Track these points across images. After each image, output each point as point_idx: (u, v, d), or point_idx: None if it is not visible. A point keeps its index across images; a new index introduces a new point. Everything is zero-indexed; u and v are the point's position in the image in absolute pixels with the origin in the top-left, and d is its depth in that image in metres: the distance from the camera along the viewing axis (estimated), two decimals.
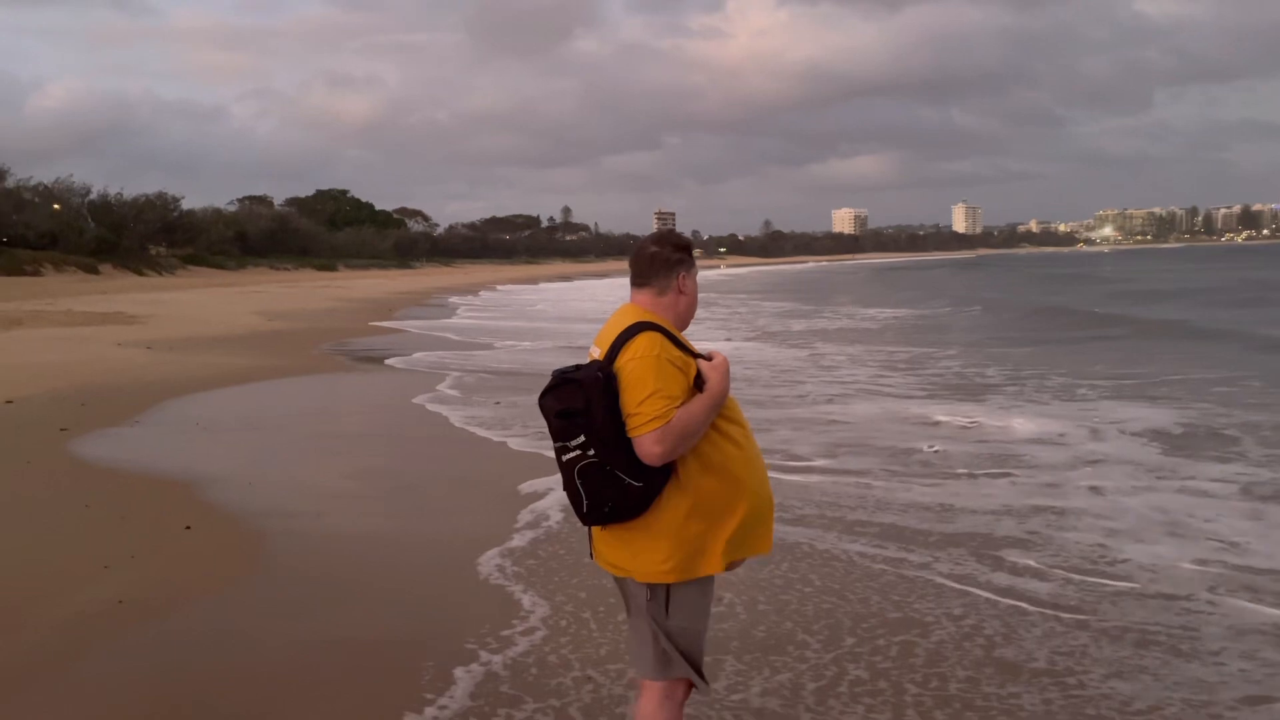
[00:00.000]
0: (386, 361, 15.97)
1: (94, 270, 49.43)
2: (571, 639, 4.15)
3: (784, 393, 11.68)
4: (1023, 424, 9.14)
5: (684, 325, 2.75)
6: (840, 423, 9.46)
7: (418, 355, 16.68)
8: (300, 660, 3.98)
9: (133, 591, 4.68)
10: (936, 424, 9.26)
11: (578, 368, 2.60)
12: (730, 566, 2.67)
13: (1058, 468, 7.28)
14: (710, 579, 2.67)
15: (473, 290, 51.10)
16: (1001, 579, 4.86)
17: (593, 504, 2.55)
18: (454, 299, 40.29)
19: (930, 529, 5.72)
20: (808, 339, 20.43)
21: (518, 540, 5.61)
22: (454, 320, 27.87)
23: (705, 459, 2.58)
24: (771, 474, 2.83)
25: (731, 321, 26.76)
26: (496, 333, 22.17)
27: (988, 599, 4.61)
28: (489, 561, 5.24)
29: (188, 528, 5.79)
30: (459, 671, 3.82)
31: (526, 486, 6.86)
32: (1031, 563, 5.09)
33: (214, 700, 3.61)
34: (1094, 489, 6.61)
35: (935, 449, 8.00)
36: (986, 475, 7.11)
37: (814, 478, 7.07)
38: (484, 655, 3.98)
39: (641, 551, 2.58)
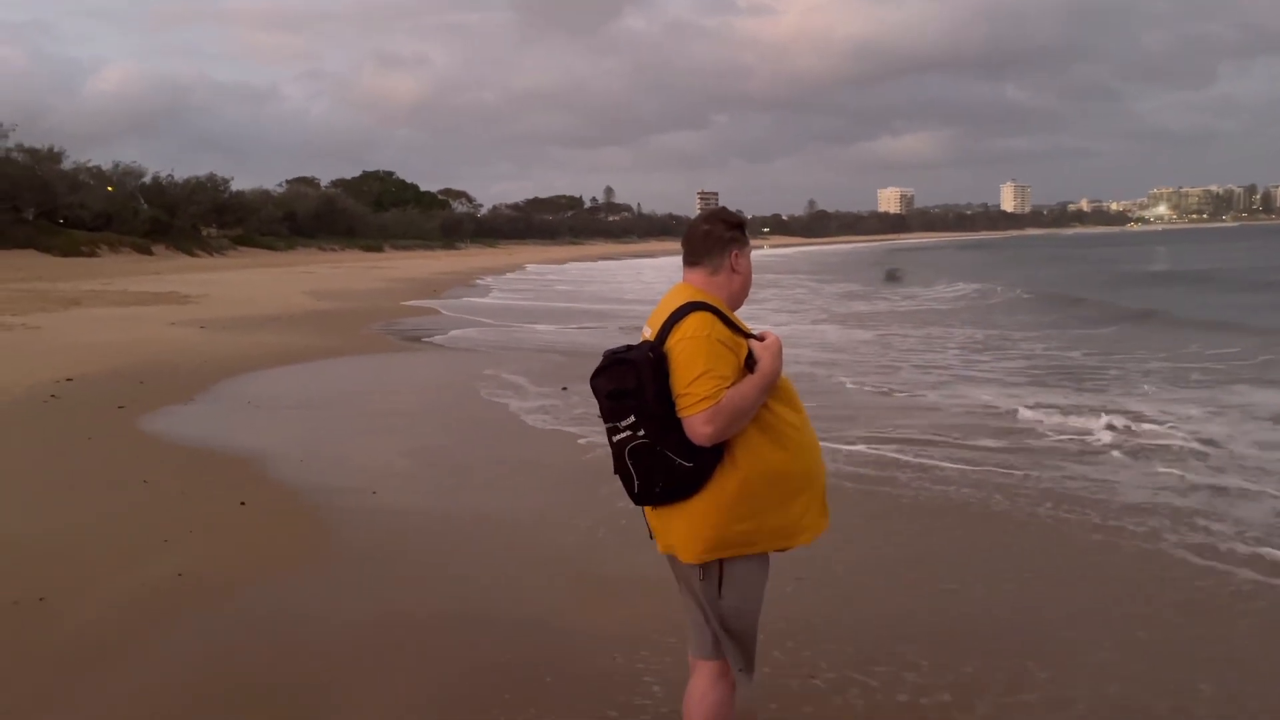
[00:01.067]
0: (435, 341, 16.08)
1: (147, 251, 50.41)
2: (631, 615, 4.12)
3: (883, 380, 11.31)
4: (1168, 411, 8.61)
5: (737, 304, 2.70)
6: (959, 410, 9.07)
7: (464, 334, 16.77)
8: (359, 636, 3.98)
9: (191, 565, 4.73)
10: (1070, 414, 8.59)
11: (629, 348, 2.56)
12: (784, 548, 2.62)
13: (1231, 455, 6.95)
14: (764, 559, 2.62)
15: (511, 269, 51.37)
16: None
17: (644, 484, 2.52)
18: (489, 279, 40.46)
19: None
20: (879, 321, 20.06)
21: (580, 518, 5.61)
22: (488, 300, 28.00)
23: (756, 440, 2.52)
24: (946, 469, 2.75)
25: (794, 303, 26.36)
26: (530, 313, 22.21)
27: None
28: (548, 537, 5.25)
29: (242, 503, 5.85)
30: (523, 646, 3.82)
31: (585, 465, 6.85)
32: None
33: (274, 674, 3.63)
34: None
35: (1100, 440, 7.54)
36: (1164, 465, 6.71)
37: (984, 468, 6.78)
38: (545, 633, 3.97)
39: (693, 531, 2.53)
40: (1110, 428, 7.92)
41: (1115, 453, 7.11)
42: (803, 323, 19.78)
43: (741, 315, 2.68)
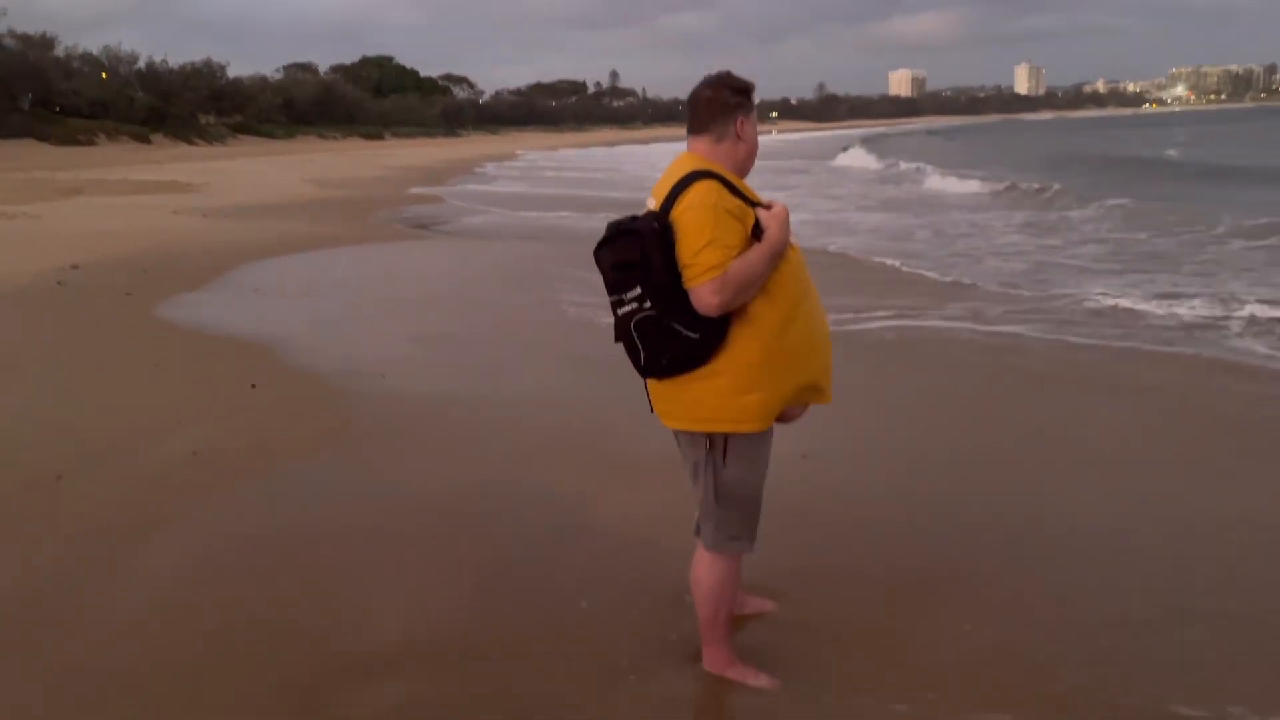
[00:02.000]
0: (443, 229, 15.95)
1: (146, 140, 49.63)
2: (645, 492, 4.19)
3: (971, 271, 11.06)
4: None
5: (744, 173, 2.63)
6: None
7: (472, 221, 16.63)
8: (376, 513, 4.04)
9: (206, 445, 4.79)
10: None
11: (634, 219, 2.51)
12: (787, 419, 2.66)
13: None
14: (769, 430, 2.62)
15: (512, 157, 50.56)
16: None
17: (650, 357, 2.50)
18: (492, 167, 39.85)
19: None
20: (927, 207, 19.52)
21: (591, 398, 5.65)
22: (494, 188, 27.64)
23: (763, 310, 2.49)
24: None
25: (829, 190, 25.34)
26: (537, 200, 21.94)
27: None
28: (560, 418, 5.30)
29: (253, 386, 5.89)
30: (540, 520, 3.90)
31: (596, 347, 6.86)
32: None
33: (292, 550, 3.70)
34: None
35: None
36: None
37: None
38: (561, 510, 4.04)
39: (698, 402, 2.53)
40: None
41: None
42: (849, 209, 19.27)
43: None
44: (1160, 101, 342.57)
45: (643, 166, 37.02)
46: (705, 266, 2.40)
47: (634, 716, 2.61)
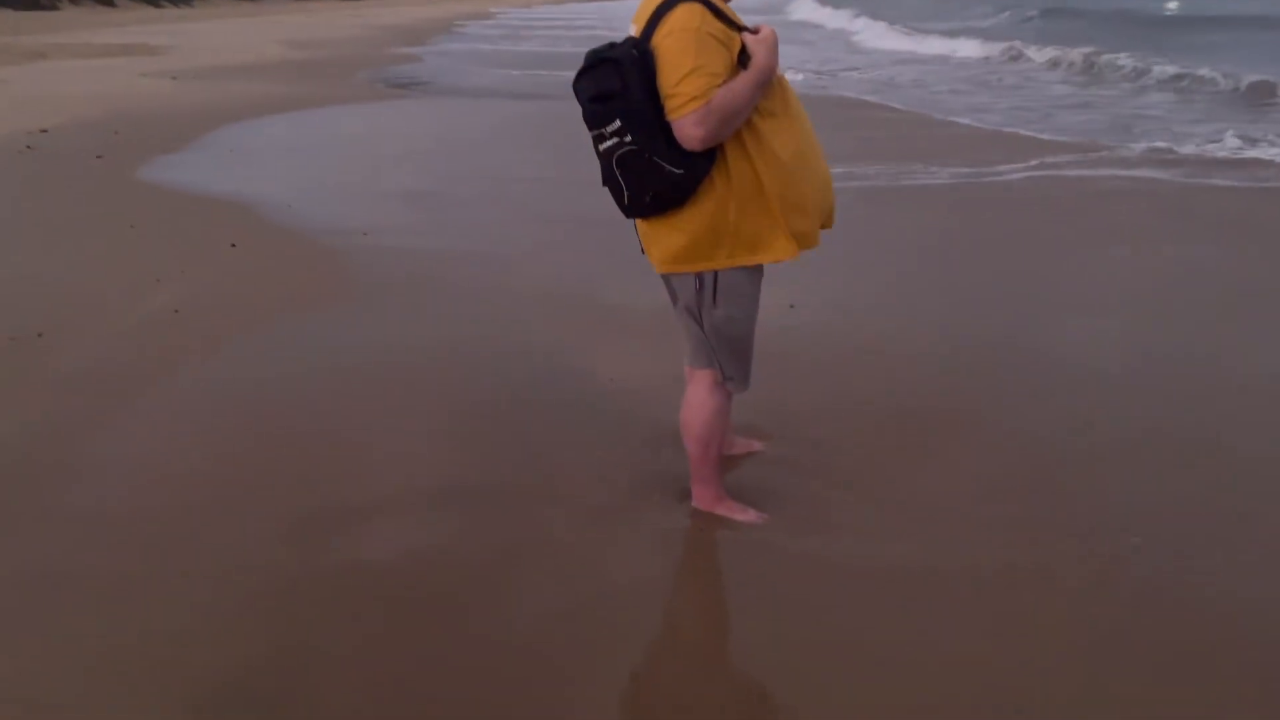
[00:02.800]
0: (426, 88, 15.45)
1: (109, 3, 47.57)
2: (631, 340, 4.17)
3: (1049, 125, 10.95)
4: None
5: None
6: None
7: (456, 80, 16.13)
8: (366, 367, 4.01)
9: (187, 303, 4.72)
10: None
11: (612, 46, 2.37)
12: (780, 259, 2.53)
13: None
14: (759, 269, 2.55)
15: (488, 16, 48.75)
16: None
17: (634, 195, 2.40)
18: (473, 25, 38.44)
19: None
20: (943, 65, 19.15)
21: (576, 250, 5.58)
22: (478, 46, 26.72)
23: (751, 143, 2.38)
24: None
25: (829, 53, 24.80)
26: (522, 58, 21.24)
27: None
28: (545, 271, 5.24)
29: (233, 245, 5.77)
30: (531, 370, 3.88)
31: (577, 203, 6.74)
32: None
33: (280, 405, 3.67)
34: None
35: None
36: None
37: None
38: (550, 359, 4.02)
39: (685, 241, 2.45)
40: None
41: None
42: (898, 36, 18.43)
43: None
44: None
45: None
46: (688, 96, 2.27)
47: (625, 552, 2.64)
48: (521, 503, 2.87)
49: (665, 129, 2.32)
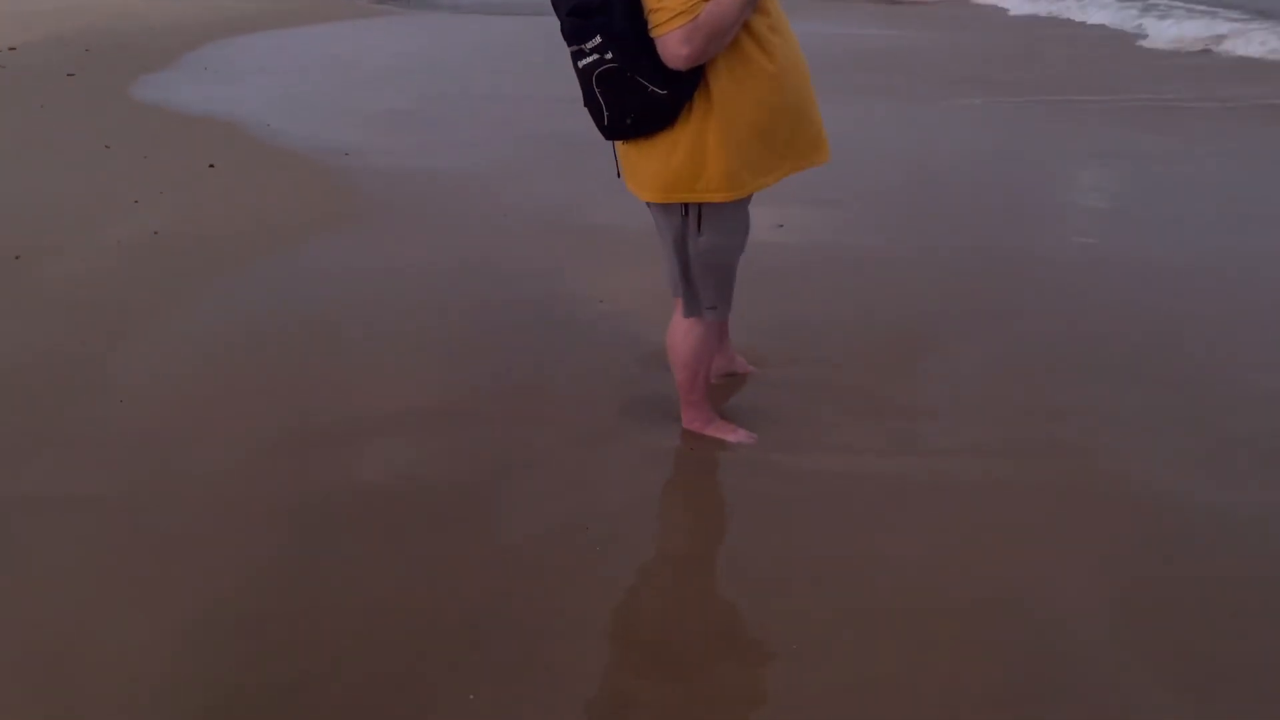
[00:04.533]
0: (414, 3, 15.04)
1: None
2: (613, 260, 4.12)
3: None
4: None
5: None
6: None
7: None
8: (356, 285, 3.95)
9: (166, 224, 4.63)
10: None
11: None
12: (765, 184, 2.45)
13: None
14: (745, 198, 2.47)
15: None
16: None
17: (614, 115, 2.30)
18: None
19: None
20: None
21: (565, 172, 5.50)
22: None
23: (737, 64, 2.28)
24: None
25: None
26: None
27: None
28: (535, 191, 5.16)
29: (211, 166, 5.66)
30: (519, 292, 3.85)
31: (566, 123, 6.62)
32: None
33: (274, 325, 3.62)
34: None
35: None
36: None
37: None
38: (541, 280, 3.98)
39: (665, 169, 2.36)
40: None
41: None
42: None
43: None
44: None
45: None
46: (673, 11, 2.15)
47: (615, 471, 2.64)
48: (512, 423, 2.86)
49: (647, 46, 2.21)
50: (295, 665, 1.91)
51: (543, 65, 8.61)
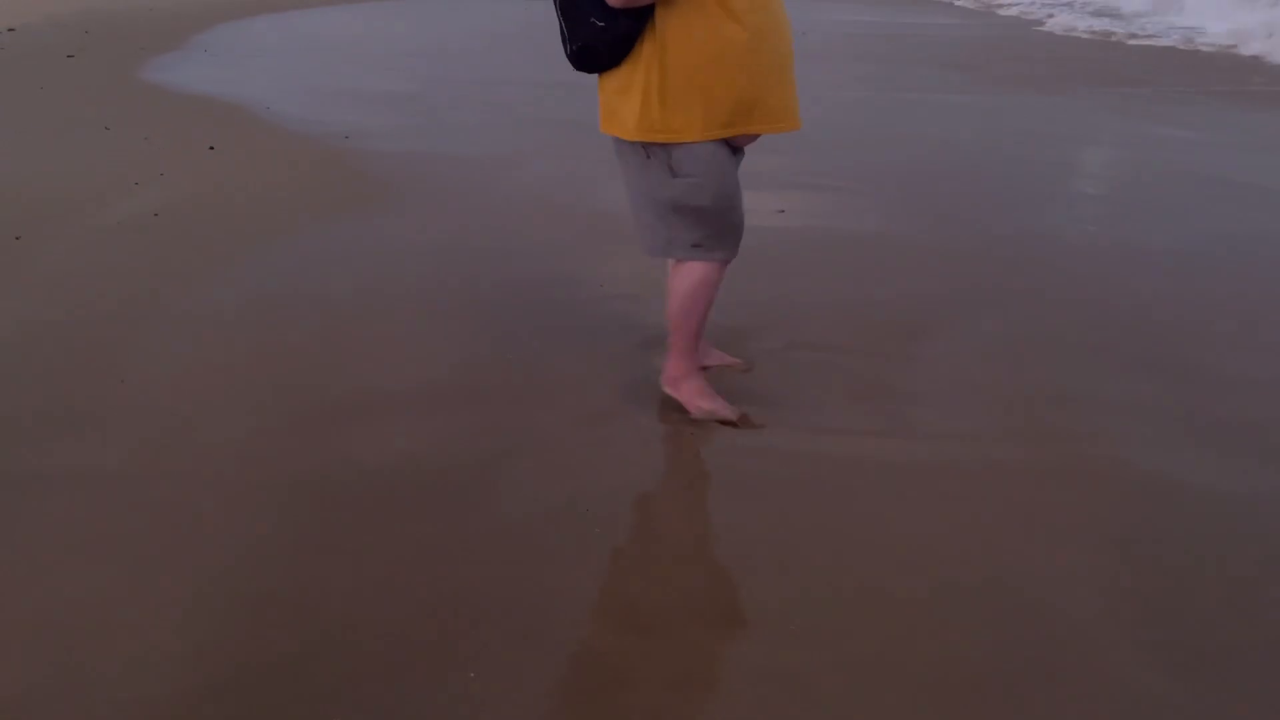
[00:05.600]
0: None
1: None
2: (617, 241, 4.13)
3: None
4: None
5: None
6: None
7: None
8: (358, 272, 3.95)
9: (168, 206, 4.63)
10: None
11: None
12: (735, 134, 2.41)
13: None
14: (723, 144, 2.42)
15: None
16: None
17: (568, 42, 2.38)
18: None
19: None
20: None
21: (561, 155, 5.49)
22: None
23: (694, 19, 2.26)
24: None
25: None
26: None
27: None
28: (531, 174, 5.16)
29: (211, 148, 5.65)
30: (525, 273, 3.85)
31: (559, 108, 6.61)
32: None
33: (282, 300, 3.63)
34: None
35: None
36: None
37: None
38: (536, 259, 3.99)
39: (632, 107, 2.35)
40: None
41: None
42: None
43: None
44: None
45: None
46: None
47: (614, 451, 2.65)
48: (515, 405, 2.87)
49: None
50: (296, 641, 1.92)
51: (547, 49, 8.60)
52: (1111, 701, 1.81)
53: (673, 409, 2.81)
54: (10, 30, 9.77)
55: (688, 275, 2.62)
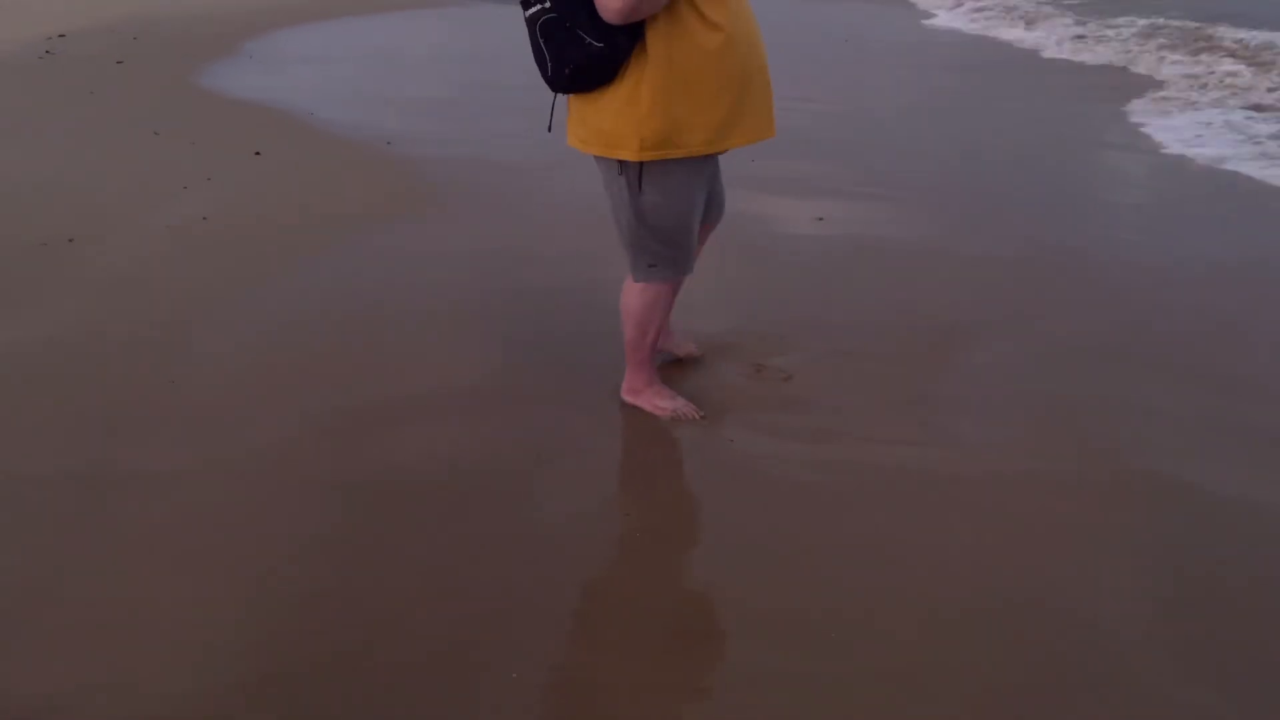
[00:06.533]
0: None
1: None
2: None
3: None
4: None
5: None
6: None
7: None
8: (401, 270, 4.01)
9: (215, 210, 4.72)
10: None
11: None
12: (712, 151, 2.45)
13: None
14: (692, 162, 2.44)
15: None
16: None
17: (555, 67, 2.34)
18: None
19: None
20: None
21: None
22: None
23: (676, 31, 2.28)
24: None
25: None
26: None
27: None
28: (564, 182, 5.19)
29: (257, 153, 5.75)
30: (553, 279, 3.89)
31: None
32: None
33: (324, 308, 3.69)
34: None
35: None
36: None
37: None
38: (573, 269, 4.02)
39: (603, 124, 2.39)
40: None
41: None
42: None
43: None
44: None
45: None
46: None
47: (653, 454, 2.68)
48: (554, 409, 2.90)
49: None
50: (343, 639, 1.97)
51: None
52: (1153, 715, 1.81)
53: (717, 413, 2.84)
54: (61, 36, 9.98)
55: (641, 294, 2.69)
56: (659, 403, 2.84)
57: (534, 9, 2.30)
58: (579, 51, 2.28)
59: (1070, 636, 1.99)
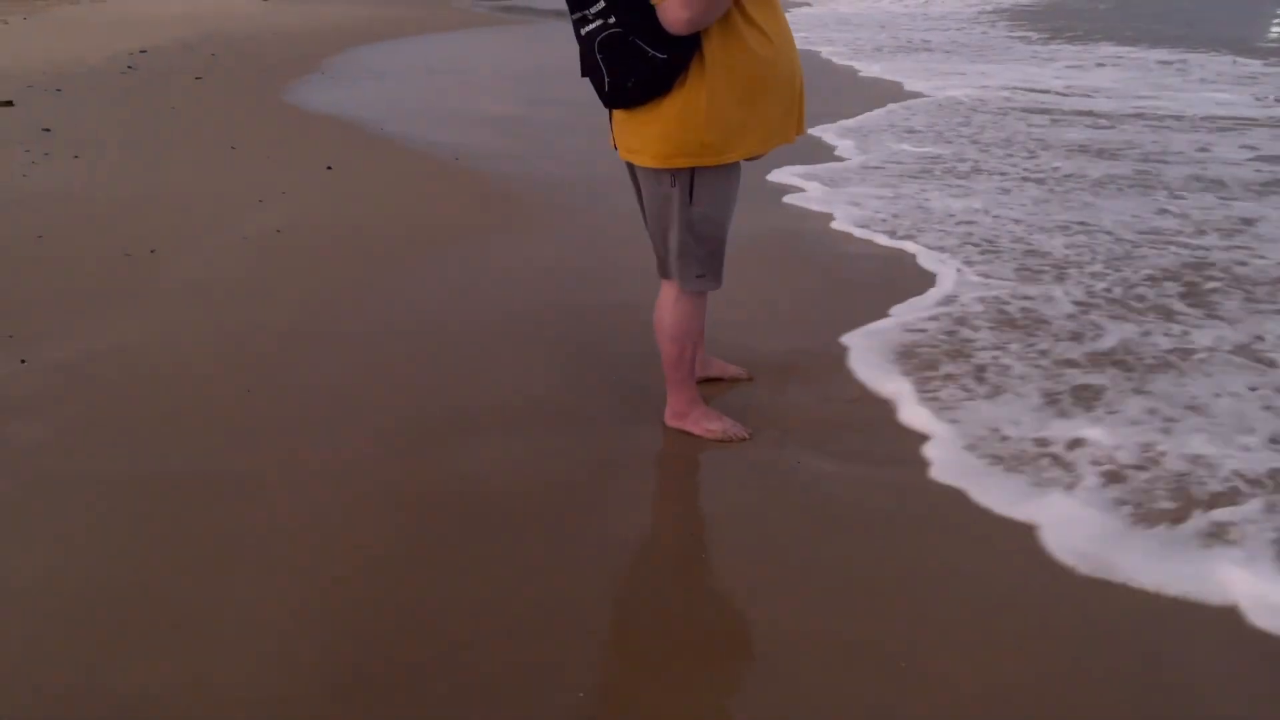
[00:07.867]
0: (540, 8, 15.33)
1: None
2: None
3: None
4: None
5: None
6: None
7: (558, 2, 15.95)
8: (460, 290, 4.08)
9: (289, 223, 4.83)
10: None
11: None
12: (757, 154, 2.50)
13: None
14: (736, 166, 2.50)
15: None
16: None
17: (615, 81, 2.34)
18: None
19: None
20: None
21: None
22: None
23: (732, 34, 2.30)
24: None
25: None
26: None
27: None
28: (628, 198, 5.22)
29: (329, 168, 5.88)
30: (616, 297, 3.91)
31: None
32: None
33: (387, 324, 3.76)
34: None
35: None
36: None
37: None
38: (634, 288, 4.04)
39: (665, 134, 2.39)
40: None
41: None
42: None
43: None
44: None
45: None
46: None
47: (716, 472, 2.67)
48: (620, 426, 2.91)
49: (648, 11, 2.24)
50: (412, 651, 1.99)
51: None
52: None
53: (774, 437, 2.83)
54: (142, 52, 10.34)
55: (678, 309, 2.68)
56: (707, 425, 2.82)
57: (593, 25, 2.31)
58: (642, 64, 2.30)
59: (1149, 671, 1.95)
